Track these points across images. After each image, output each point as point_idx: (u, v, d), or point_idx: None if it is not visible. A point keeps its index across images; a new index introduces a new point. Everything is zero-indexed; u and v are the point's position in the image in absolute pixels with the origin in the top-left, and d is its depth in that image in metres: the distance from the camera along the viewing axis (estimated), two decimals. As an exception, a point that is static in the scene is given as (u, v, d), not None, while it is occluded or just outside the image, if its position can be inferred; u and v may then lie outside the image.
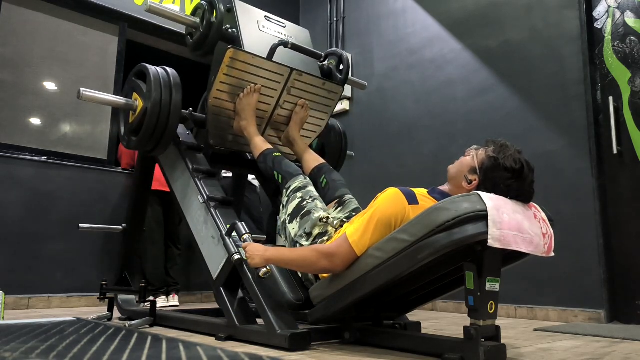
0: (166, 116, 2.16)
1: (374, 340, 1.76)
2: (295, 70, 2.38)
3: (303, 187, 2.04)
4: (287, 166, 2.15)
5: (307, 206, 1.95)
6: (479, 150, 1.63)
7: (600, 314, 2.67)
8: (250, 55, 2.23)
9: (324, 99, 2.57)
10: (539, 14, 3.18)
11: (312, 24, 4.85)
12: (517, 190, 1.51)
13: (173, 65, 2.36)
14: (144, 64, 2.28)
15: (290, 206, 1.99)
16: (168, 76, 2.21)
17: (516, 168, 1.52)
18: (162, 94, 2.15)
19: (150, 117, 2.14)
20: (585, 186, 2.83)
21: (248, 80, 2.29)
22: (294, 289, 1.91)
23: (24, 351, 1.42)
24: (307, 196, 1.99)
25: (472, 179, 1.60)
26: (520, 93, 3.20)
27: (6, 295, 2.67)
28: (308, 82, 2.46)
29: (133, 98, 2.27)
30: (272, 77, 2.34)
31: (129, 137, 2.31)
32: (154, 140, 2.21)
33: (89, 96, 2.13)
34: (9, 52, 3.41)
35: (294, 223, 1.94)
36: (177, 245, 3.70)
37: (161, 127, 2.17)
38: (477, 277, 1.41)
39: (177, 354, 1.44)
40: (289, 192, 2.04)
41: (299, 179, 2.07)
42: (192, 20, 2.38)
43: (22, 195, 3.21)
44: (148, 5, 2.18)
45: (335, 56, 2.70)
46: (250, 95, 2.30)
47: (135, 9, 3.89)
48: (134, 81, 2.30)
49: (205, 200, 2.12)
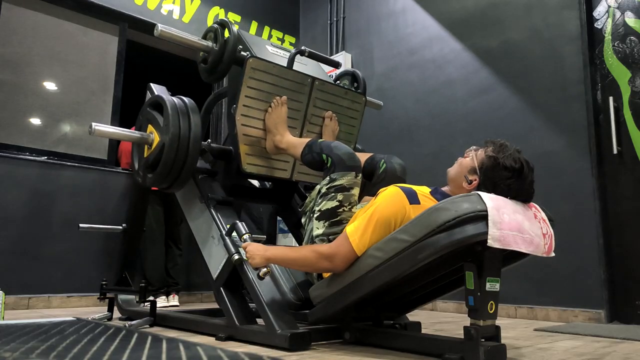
0: (185, 151, 2.03)
1: (374, 340, 1.76)
2: (318, 80, 2.34)
3: (348, 188, 1.82)
4: (337, 148, 1.88)
5: (341, 215, 1.81)
6: (478, 151, 1.63)
7: (600, 314, 2.67)
8: (270, 64, 2.17)
9: (349, 110, 2.52)
10: (539, 14, 3.18)
11: (312, 24, 4.85)
12: (518, 190, 1.51)
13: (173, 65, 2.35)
14: (160, 95, 2.15)
15: (326, 204, 1.83)
16: (186, 107, 2.09)
17: (516, 167, 1.52)
18: (181, 127, 2.02)
19: (168, 152, 2.01)
20: (585, 186, 2.83)
21: (271, 92, 2.19)
22: (294, 289, 1.91)
23: (24, 351, 1.42)
24: (346, 202, 1.82)
25: (472, 179, 1.61)
26: (520, 93, 3.20)
27: (6, 295, 2.67)
28: (331, 92, 2.41)
29: (148, 131, 2.15)
30: (295, 88, 2.28)
31: (144, 172, 2.17)
32: (171, 177, 2.08)
33: (102, 131, 2.00)
34: (9, 52, 3.41)
35: (321, 224, 1.82)
36: (178, 245, 3.70)
37: (179, 163, 2.03)
38: (477, 277, 1.41)
39: (177, 354, 1.44)
40: (331, 186, 1.83)
41: (348, 176, 1.83)
42: (204, 44, 2.21)
43: (22, 195, 3.21)
44: (159, 31, 2.03)
45: (348, 76, 2.68)
46: (278, 108, 2.20)
47: (135, 9, 3.89)
48: (149, 112, 2.18)
49: (205, 200, 2.12)
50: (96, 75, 3.76)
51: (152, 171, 2.12)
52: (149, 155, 2.13)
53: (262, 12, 4.73)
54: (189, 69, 4.25)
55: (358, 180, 1.85)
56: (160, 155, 2.04)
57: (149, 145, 2.14)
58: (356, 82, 2.63)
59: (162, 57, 4.69)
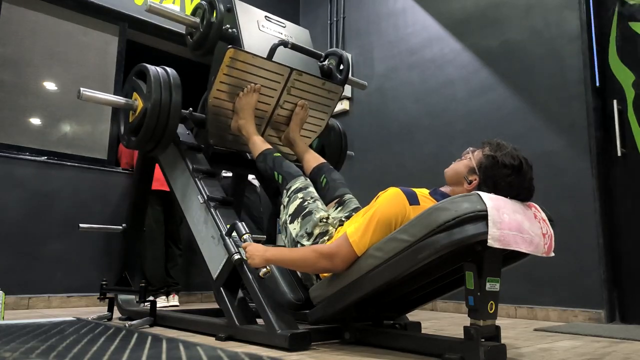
0: (166, 116, 2.17)
1: (374, 340, 1.76)
2: (295, 70, 2.38)
3: (304, 187, 2.04)
4: (287, 167, 2.15)
5: (308, 207, 1.95)
6: (476, 152, 1.64)
7: (600, 314, 2.67)
8: (250, 55, 2.24)
9: (324, 99, 2.57)
10: (539, 14, 3.18)
11: (312, 24, 4.85)
12: (519, 187, 1.52)
13: (173, 65, 2.37)
14: (144, 64, 2.28)
15: (291, 207, 1.99)
16: (168, 76, 2.22)
17: (515, 164, 1.53)
18: (162, 94, 2.16)
19: (150, 117, 2.15)
20: (585, 186, 2.83)
21: (248, 80, 2.29)
22: (294, 289, 1.91)
23: (24, 351, 1.42)
24: (308, 197, 1.99)
25: (472, 179, 1.61)
26: (520, 93, 3.20)
27: (6, 295, 2.67)
28: (308, 82, 2.46)
29: (133, 98, 2.27)
30: (272, 77, 2.34)
31: (128, 136, 2.32)
32: (153, 140, 2.21)
33: (89, 96, 2.14)
34: (9, 52, 3.41)
35: (295, 223, 1.95)
36: (178, 245, 3.70)
37: (161, 127, 2.17)
38: (477, 277, 1.41)
39: (177, 354, 1.44)
40: (290, 192, 2.05)
41: (299, 180, 2.08)
42: (192, 20, 2.39)
43: (22, 195, 3.21)
44: (148, 5, 2.21)
45: (335, 56, 2.70)
46: (250, 95, 2.30)
47: (135, 9, 3.89)
48: (134, 81, 2.30)
49: (205, 200, 2.12)
50: (96, 75, 3.76)
51: (135, 135, 2.25)
52: (133, 120, 2.26)
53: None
54: (189, 68, 4.25)
55: (309, 181, 2.09)
56: (144, 119, 2.17)
57: (134, 111, 2.26)
58: (341, 63, 2.65)
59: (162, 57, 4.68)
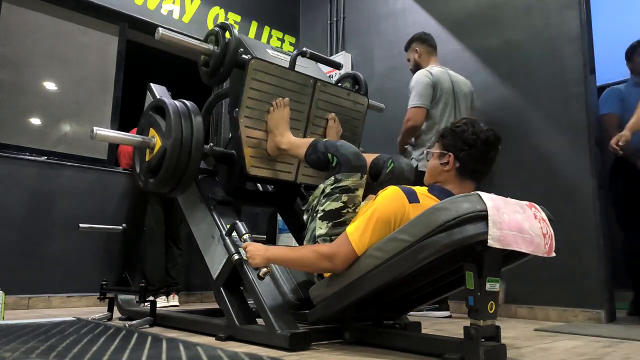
0: (187, 155, 2.01)
1: (374, 340, 1.76)
2: (320, 81, 2.33)
3: (353, 190, 1.80)
4: (343, 148, 1.85)
5: (345, 216, 1.80)
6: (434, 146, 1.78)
7: (600, 314, 2.67)
8: (272, 65, 2.16)
9: (352, 111, 2.51)
10: (539, 14, 3.18)
11: (312, 24, 4.84)
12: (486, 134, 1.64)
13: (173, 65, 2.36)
14: (162, 99, 2.14)
15: (330, 205, 1.81)
16: (188, 111, 2.08)
17: (465, 121, 1.70)
18: (183, 133, 2.00)
19: (170, 158, 1.99)
20: (585, 186, 2.83)
21: (274, 94, 2.18)
22: (294, 289, 1.91)
23: (24, 351, 1.42)
24: (350, 203, 1.80)
25: (445, 160, 1.69)
26: (520, 93, 3.20)
27: (6, 295, 2.66)
28: (333, 93, 2.40)
29: (150, 134, 2.13)
30: (297, 89, 2.26)
31: (145, 177, 2.16)
32: (173, 181, 2.06)
33: (103, 135, 1.99)
34: (9, 52, 3.41)
35: (324, 224, 1.81)
36: (178, 245, 3.70)
37: (181, 168, 2.02)
38: (477, 277, 1.41)
39: (177, 354, 1.44)
40: (337, 187, 1.80)
41: (353, 177, 1.80)
42: (205, 47, 2.18)
43: (22, 195, 3.21)
44: (160, 34, 2.01)
45: (349, 78, 2.68)
46: (281, 109, 2.17)
47: (135, 9, 3.89)
48: (151, 116, 2.17)
49: (206, 200, 2.12)
50: (96, 75, 3.76)
51: (153, 176, 2.11)
52: (151, 159, 2.10)
53: (262, 12, 4.73)
54: (189, 69, 4.25)
55: (363, 181, 1.83)
56: (162, 160, 2.02)
57: (151, 150, 2.12)
58: (357, 84, 2.63)
59: (162, 57, 4.69)
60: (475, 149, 1.64)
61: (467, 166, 1.66)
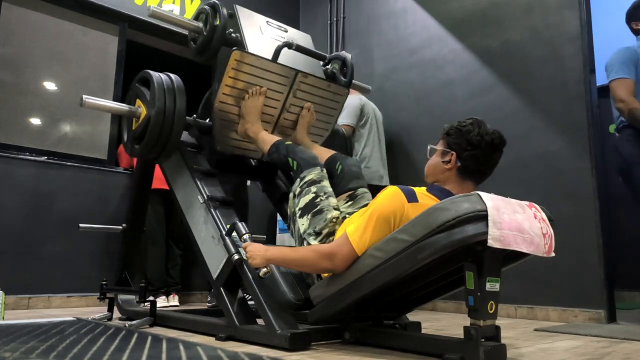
0: (170, 124, 2.13)
1: (374, 340, 1.76)
2: (301, 72, 2.36)
3: (318, 180, 1.97)
4: (302, 153, 2.09)
5: (320, 204, 1.90)
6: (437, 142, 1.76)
7: (600, 314, 2.67)
8: (255, 57, 2.22)
9: (330, 102, 2.55)
10: (539, 14, 3.18)
11: (312, 24, 4.85)
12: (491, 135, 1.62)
13: (173, 65, 2.36)
14: (147, 71, 2.25)
15: (303, 200, 1.94)
16: (172, 83, 2.19)
17: (470, 121, 1.66)
18: (166, 101, 2.13)
19: (154, 125, 2.11)
20: (585, 186, 2.83)
21: (253, 83, 2.26)
22: (294, 289, 1.91)
23: (24, 351, 1.42)
24: (321, 192, 1.93)
25: (448, 158, 1.68)
26: (520, 93, 3.20)
27: (6, 295, 2.67)
28: (314, 84, 2.44)
29: (136, 105, 2.24)
30: (277, 80, 2.32)
31: (132, 144, 2.29)
32: (157, 148, 2.19)
33: (92, 103, 2.11)
34: (9, 52, 3.41)
35: (305, 219, 1.90)
36: (178, 245, 3.70)
37: (165, 135, 2.14)
38: (477, 277, 1.41)
39: (177, 354, 1.44)
40: (303, 183, 1.98)
41: (315, 171, 2.00)
42: (195, 25, 2.33)
43: (22, 195, 3.21)
44: (151, 10, 2.17)
45: (338, 60, 2.69)
46: (256, 98, 2.28)
47: (135, 9, 3.89)
48: (137, 87, 2.28)
49: (205, 200, 2.12)
50: (96, 75, 3.76)
51: (139, 142, 2.22)
52: (137, 127, 2.22)
53: (262, 11, 4.67)
54: (189, 69, 4.25)
55: (324, 173, 2.02)
56: (147, 127, 2.14)
57: (137, 118, 2.23)
58: (345, 66, 2.65)
59: (162, 57, 4.69)
60: (479, 150, 1.62)
61: (469, 167, 1.66)
